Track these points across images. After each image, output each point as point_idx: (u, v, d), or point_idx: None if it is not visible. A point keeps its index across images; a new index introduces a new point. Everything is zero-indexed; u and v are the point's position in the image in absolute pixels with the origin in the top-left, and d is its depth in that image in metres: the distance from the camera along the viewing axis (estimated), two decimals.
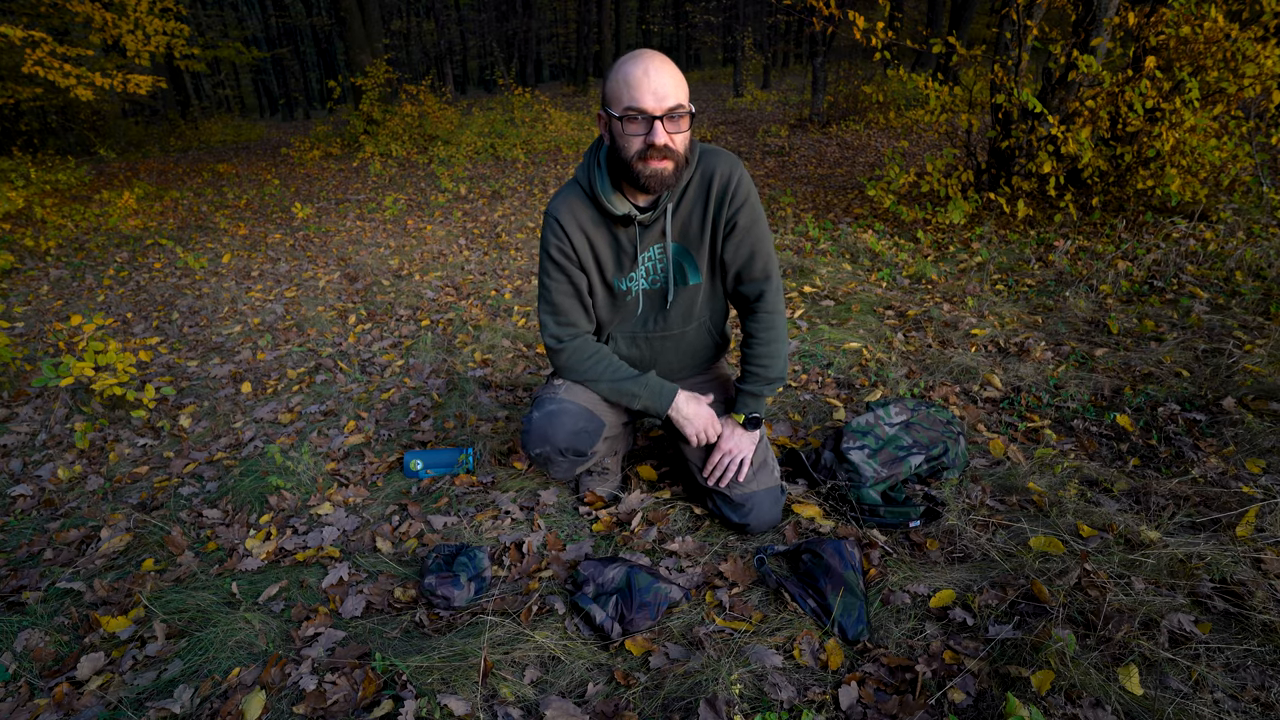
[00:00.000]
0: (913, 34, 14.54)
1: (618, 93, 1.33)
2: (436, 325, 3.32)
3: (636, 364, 1.69)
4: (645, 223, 1.49)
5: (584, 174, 1.50)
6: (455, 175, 7.74)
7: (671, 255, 1.54)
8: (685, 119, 1.35)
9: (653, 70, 1.30)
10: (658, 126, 1.31)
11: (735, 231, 1.52)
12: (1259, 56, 3.23)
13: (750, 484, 1.62)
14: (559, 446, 1.58)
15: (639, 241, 1.51)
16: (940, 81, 4.37)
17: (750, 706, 1.20)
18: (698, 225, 1.52)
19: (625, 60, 1.34)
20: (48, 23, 9.87)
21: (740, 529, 1.65)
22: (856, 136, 8.67)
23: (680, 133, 1.35)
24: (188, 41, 8.67)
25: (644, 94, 1.30)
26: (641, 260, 1.54)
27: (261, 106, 33.96)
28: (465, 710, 1.22)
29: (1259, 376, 2.10)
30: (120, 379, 2.53)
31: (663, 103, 1.31)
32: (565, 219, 1.50)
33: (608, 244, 1.53)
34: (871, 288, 3.34)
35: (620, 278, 1.56)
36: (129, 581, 1.66)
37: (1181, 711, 1.11)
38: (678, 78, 1.33)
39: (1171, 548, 1.43)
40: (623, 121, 1.33)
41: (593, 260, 1.54)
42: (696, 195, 1.50)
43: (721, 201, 1.49)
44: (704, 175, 1.49)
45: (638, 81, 1.30)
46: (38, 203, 6.40)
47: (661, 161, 1.35)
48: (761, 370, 1.61)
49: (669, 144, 1.33)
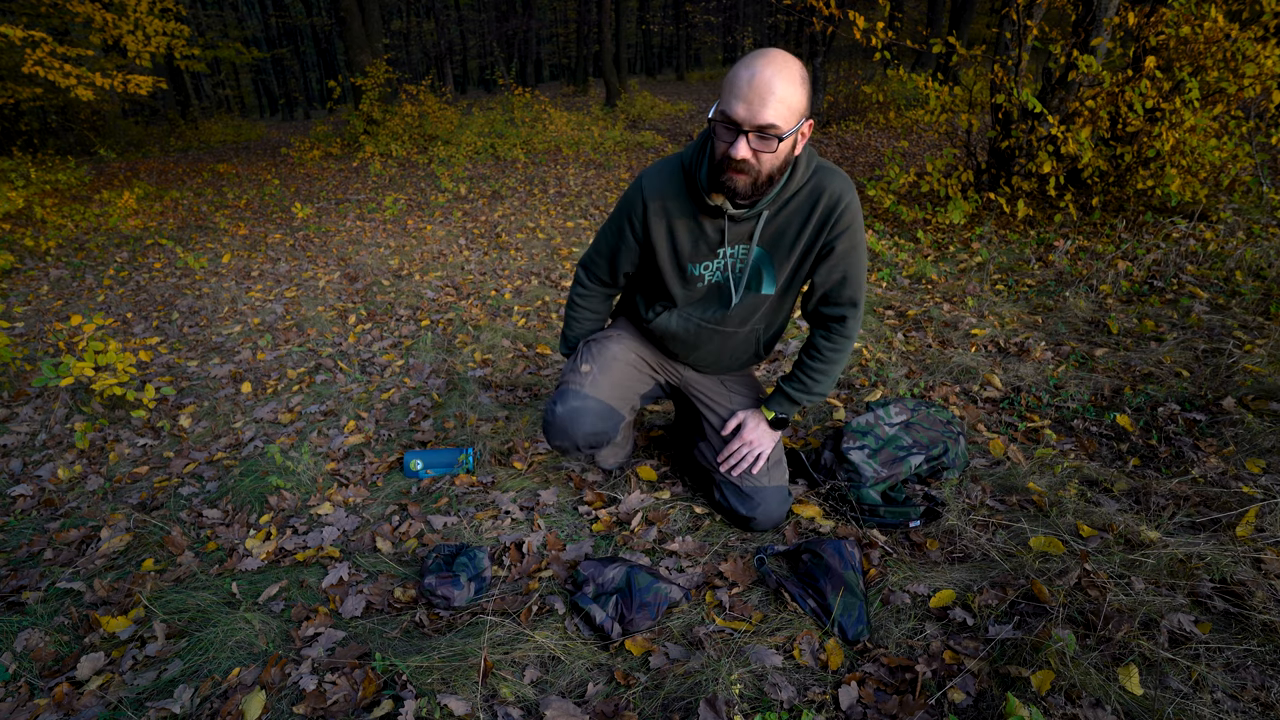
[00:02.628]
0: (913, 34, 14.54)
1: (725, 88, 1.26)
2: (436, 325, 3.32)
3: (679, 341, 1.68)
4: (737, 218, 1.43)
5: (691, 155, 1.43)
6: (455, 175, 7.74)
7: (753, 259, 1.50)
8: (776, 141, 1.24)
9: (758, 80, 1.20)
10: (741, 140, 1.24)
11: (832, 255, 1.48)
12: (1259, 56, 3.23)
13: (763, 478, 1.63)
14: (578, 443, 1.68)
15: (727, 234, 1.46)
16: (940, 81, 4.37)
17: (750, 706, 1.20)
18: (791, 238, 1.46)
19: (748, 56, 1.25)
20: (48, 23, 9.88)
21: (745, 523, 1.65)
22: (856, 136, 8.68)
23: (768, 152, 1.26)
24: (188, 42, 8.66)
25: (737, 103, 1.22)
26: (723, 254, 1.50)
27: (261, 106, 33.97)
28: (465, 710, 1.22)
29: (1259, 376, 2.10)
30: (120, 379, 2.53)
31: (755, 118, 1.22)
32: (650, 190, 1.47)
33: (689, 229, 1.48)
34: (871, 288, 3.34)
35: (695, 264, 1.52)
36: (129, 581, 1.66)
37: (1181, 711, 1.11)
38: (786, 91, 1.21)
39: (1171, 548, 1.43)
40: (716, 123, 1.28)
41: (667, 242, 1.51)
42: (799, 209, 1.44)
43: (824, 223, 1.44)
44: (813, 191, 1.42)
45: (738, 88, 1.22)
46: (38, 203, 6.40)
47: (738, 174, 1.29)
48: (810, 382, 1.62)
49: (748, 159, 1.26)
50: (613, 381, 1.69)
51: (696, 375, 1.79)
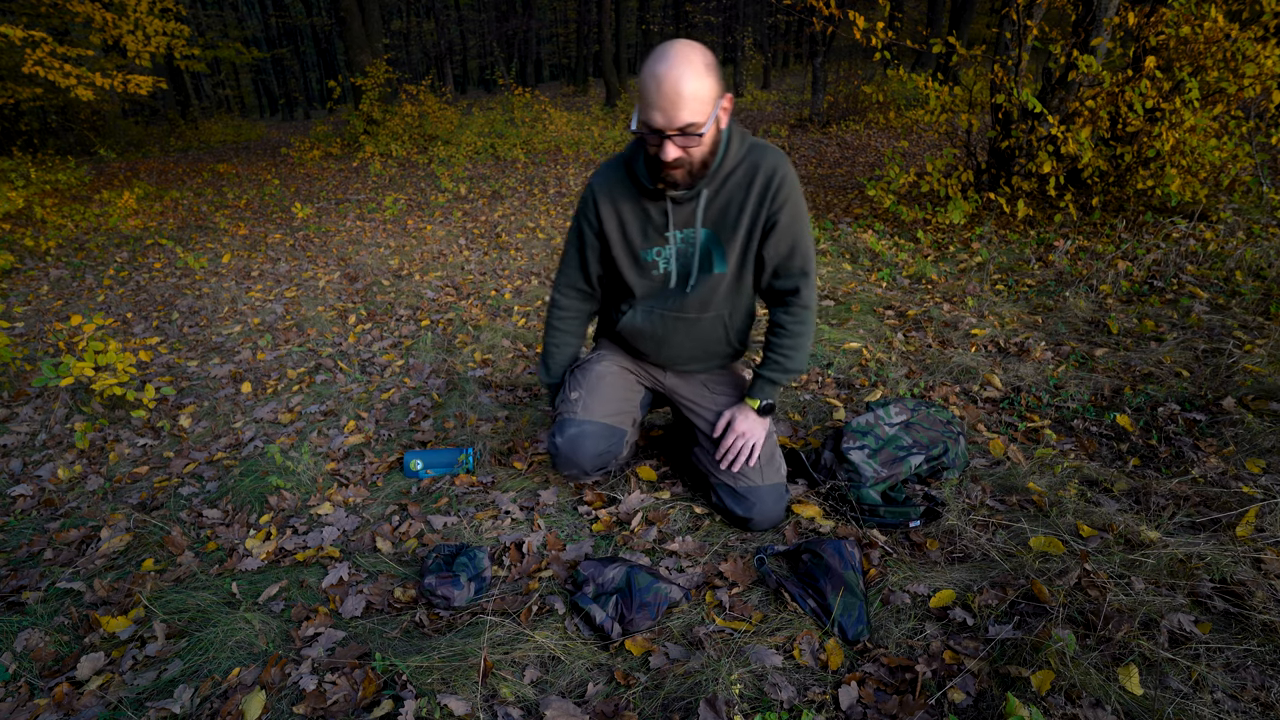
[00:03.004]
0: (913, 34, 14.55)
1: (639, 98, 1.33)
2: (436, 325, 3.32)
3: (647, 337, 1.71)
4: (678, 200, 1.50)
5: (629, 150, 1.54)
6: (455, 175, 7.74)
7: (701, 240, 1.55)
8: (699, 136, 1.32)
9: (666, 86, 1.26)
10: (666, 144, 1.32)
11: (776, 229, 1.52)
12: (1259, 56, 3.23)
13: (756, 477, 1.64)
14: (585, 467, 1.74)
15: (671, 217, 1.53)
16: (940, 81, 4.37)
17: (750, 706, 1.20)
18: (735, 215, 1.52)
19: (649, 64, 1.29)
20: (48, 23, 9.87)
21: (743, 524, 1.65)
22: (856, 136, 8.68)
23: (695, 146, 1.35)
24: (188, 42, 8.66)
25: (654, 112, 1.29)
26: (672, 239, 1.56)
27: (261, 106, 33.97)
28: (465, 710, 1.22)
29: (1259, 376, 2.10)
30: (120, 379, 2.53)
31: (672, 122, 1.29)
32: (599, 189, 1.57)
33: (636, 216, 1.56)
34: (871, 288, 3.34)
35: (647, 250, 1.59)
36: (129, 581, 1.66)
37: (1181, 711, 1.11)
38: (695, 87, 1.27)
39: (1171, 548, 1.43)
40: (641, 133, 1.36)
41: (618, 231, 1.58)
42: (738, 187, 1.49)
43: (763, 197, 1.49)
44: (750, 169, 1.48)
45: (650, 98, 1.29)
46: (38, 203, 6.41)
47: (673, 170, 1.39)
48: (783, 359, 1.64)
49: (680, 157, 1.35)
50: (604, 399, 1.72)
51: (679, 380, 1.80)
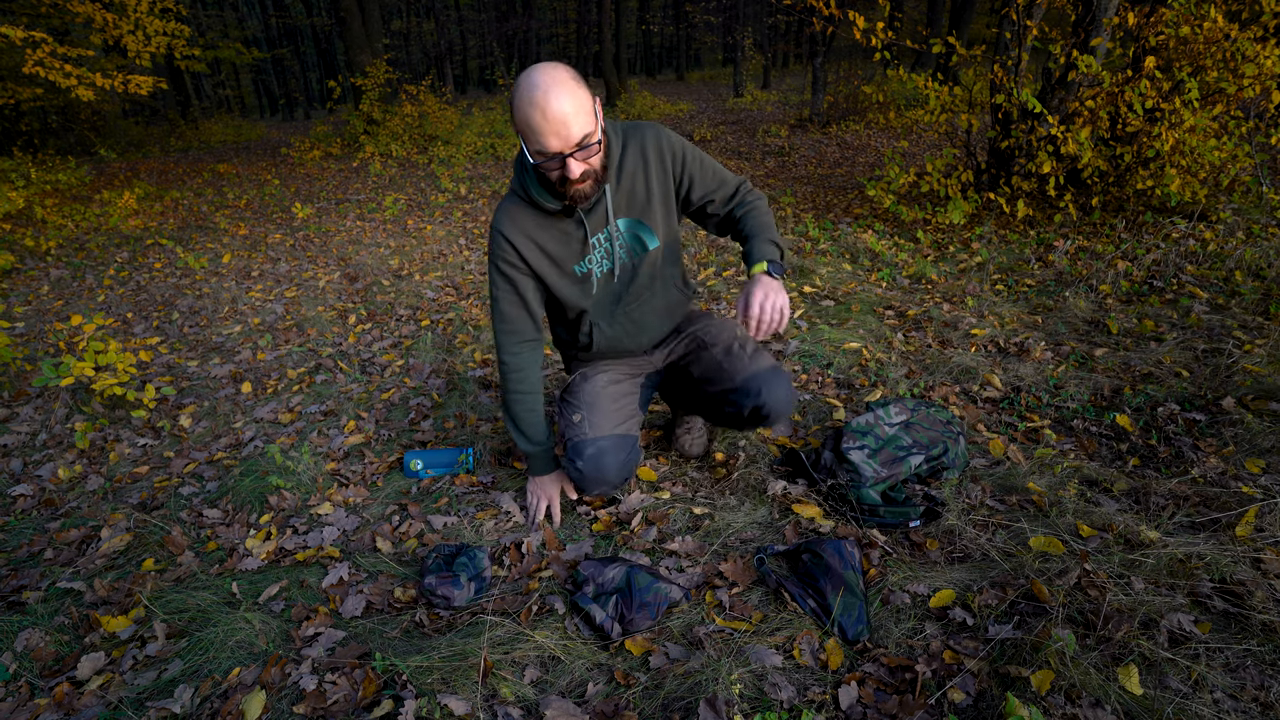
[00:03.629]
0: (913, 34, 14.55)
1: (524, 131, 1.31)
2: (436, 325, 3.32)
3: (622, 341, 1.74)
4: (586, 208, 1.51)
5: (517, 182, 1.52)
6: (455, 175, 7.74)
7: (624, 230, 1.58)
8: (596, 144, 1.34)
9: (551, 112, 1.26)
10: (570, 164, 1.33)
11: (696, 180, 1.59)
12: (1259, 56, 3.23)
13: (752, 365, 1.65)
14: (613, 482, 1.69)
15: (587, 226, 1.54)
16: (940, 81, 4.37)
17: (750, 706, 1.20)
18: (644, 194, 1.56)
19: (523, 93, 1.27)
20: (48, 23, 9.88)
21: (757, 417, 1.62)
22: (856, 136, 8.68)
23: (594, 155, 1.37)
24: (188, 42, 8.66)
25: (547, 138, 1.29)
26: (593, 244, 1.58)
27: (261, 106, 33.97)
28: (465, 710, 1.22)
29: (1259, 376, 2.10)
30: (120, 379, 2.53)
31: (569, 141, 1.30)
32: (508, 228, 1.53)
33: (555, 238, 1.55)
34: (871, 288, 3.34)
35: (579, 264, 1.60)
36: (129, 581, 1.66)
37: (1181, 711, 1.11)
38: (577, 102, 1.28)
39: (1171, 548, 1.43)
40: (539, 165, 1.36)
41: (545, 259, 1.57)
42: (636, 166, 1.53)
43: (664, 165, 1.55)
44: (639, 147, 1.53)
45: (538, 126, 1.27)
46: (38, 203, 6.41)
47: (581, 184, 1.39)
48: (763, 231, 1.60)
49: (585, 169, 1.37)
50: (606, 413, 1.72)
51: (664, 349, 1.83)
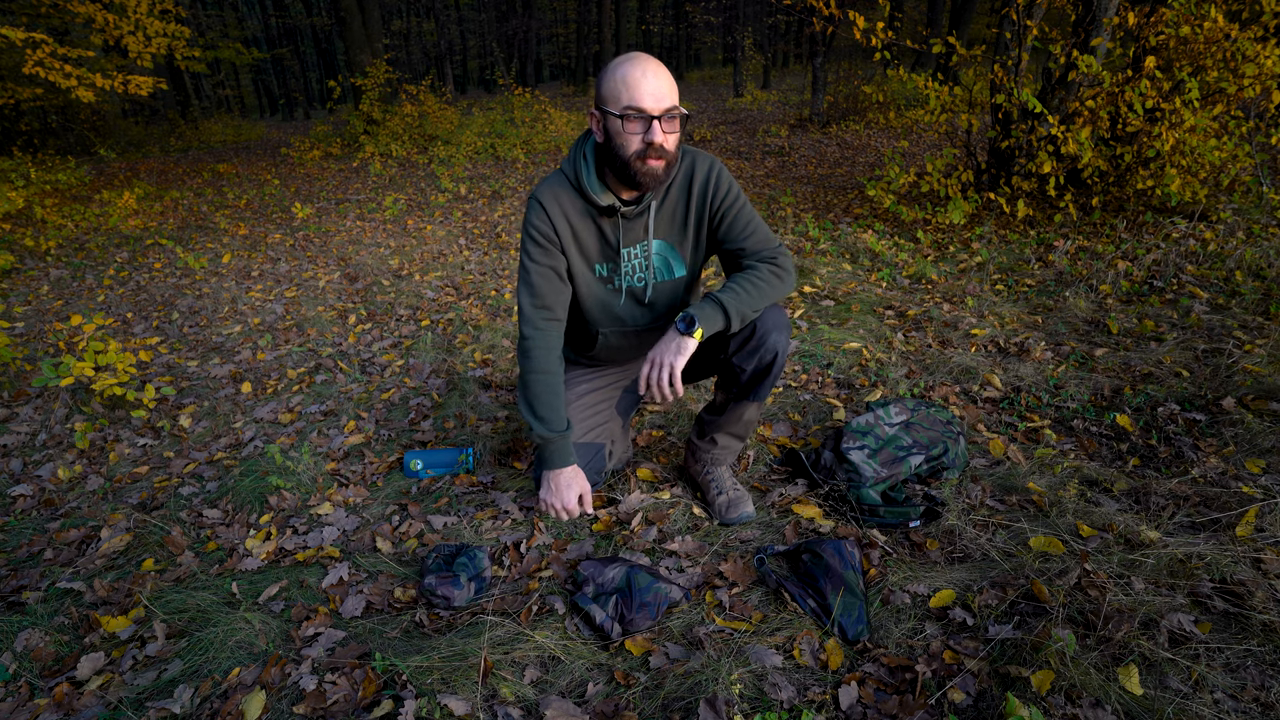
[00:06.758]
0: (913, 34, 14.55)
1: (616, 92, 1.36)
2: (436, 325, 3.32)
3: (627, 354, 1.78)
4: (629, 215, 1.53)
5: (570, 166, 1.53)
6: (455, 175, 7.74)
7: (655, 251, 1.60)
8: (678, 120, 1.40)
9: (650, 72, 1.35)
10: (655, 126, 1.36)
11: (734, 221, 1.56)
12: (1259, 56, 3.23)
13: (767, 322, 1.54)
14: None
15: (621, 235, 1.56)
16: (940, 81, 4.37)
17: (750, 706, 1.20)
18: (681, 220, 1.58)
19: (622, 61, 1.38)
20: (48, 23, 9.88)
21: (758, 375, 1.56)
22: (856, 136, 8.68)
23: (674, 133, 1.41)
24: (188, 42, 8.66)
25: (643, 94, 1.35)
26: (625, 256, 1.59)
27: (261, 106, 33.97)
28: (465, 710, 1.22)
29: (1259, 376, 2.10)
30: (120, 379, 2.53)
31: (660, 103, 1.36)
32: (549, 202, 1.53)
33: (592, 233, 1.57)
34: (871, 288, 3.34)
35: (603, 266, 1.61)
36: (129, 581, 1.66)
37: (1181, 711, 1.11)
38: (672, 82, 1.39)
39: (1171, 548, 1.43)
40: (622, 120, 1.37)
41: (575, 246, 1.57)
42: (679, 192, 1.56)
43: (704, 195, 1.55)
44: (685, 173, 1.55)
45: (636, 82, 1.34)
46: (38, 203, 6.41)
47: (657, 160, 1.40)
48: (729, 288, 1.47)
49: (664, 144, 1.39)
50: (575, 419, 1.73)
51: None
